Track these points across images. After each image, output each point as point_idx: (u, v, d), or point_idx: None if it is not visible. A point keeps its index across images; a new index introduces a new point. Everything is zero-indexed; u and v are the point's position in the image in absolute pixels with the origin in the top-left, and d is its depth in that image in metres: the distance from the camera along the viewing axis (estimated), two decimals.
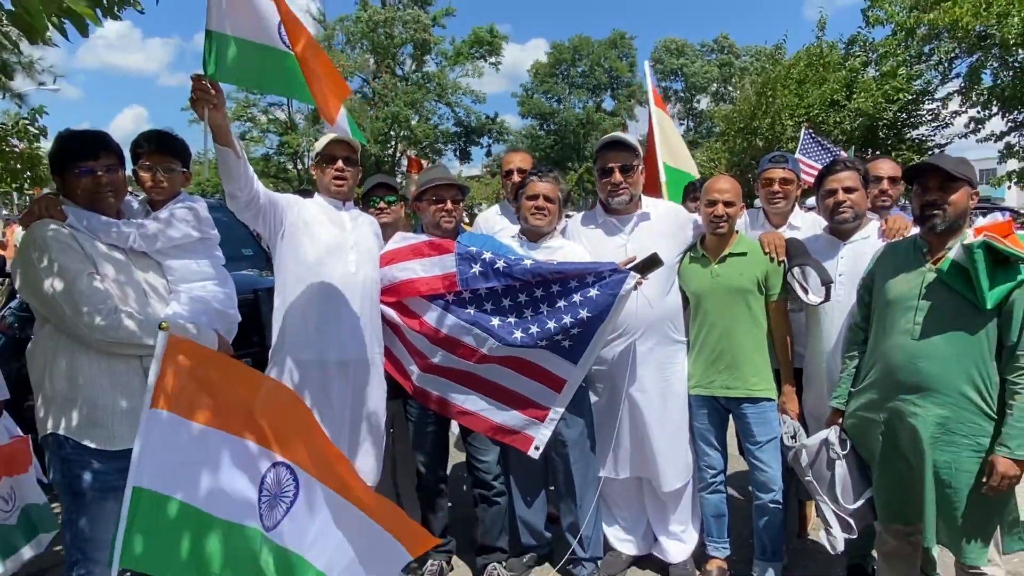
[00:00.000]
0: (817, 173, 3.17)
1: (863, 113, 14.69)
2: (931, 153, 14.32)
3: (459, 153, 38.77)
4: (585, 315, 2.81)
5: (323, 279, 2.87)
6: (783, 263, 3.04)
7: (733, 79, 41.42)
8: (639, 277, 2.81)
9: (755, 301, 3.08)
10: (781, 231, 3.31)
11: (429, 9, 34.94)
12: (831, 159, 4.70)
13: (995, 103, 13.04)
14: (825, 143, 7.92)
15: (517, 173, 3.67)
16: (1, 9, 2.37)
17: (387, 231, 3.26)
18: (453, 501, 3.67)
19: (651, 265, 2.79)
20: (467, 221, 4.70)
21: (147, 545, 1.73)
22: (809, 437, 2.86)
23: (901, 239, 2.79)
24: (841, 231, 3.04)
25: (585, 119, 42.49)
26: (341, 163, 2.99)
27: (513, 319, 2.92)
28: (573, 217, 3.53)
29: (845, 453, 2.69)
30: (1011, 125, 13.30)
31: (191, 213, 2.53)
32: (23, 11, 1.87)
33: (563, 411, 2.98)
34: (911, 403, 2.42)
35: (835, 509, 2.71)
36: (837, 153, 7.25)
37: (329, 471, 2.08)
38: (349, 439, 2.89)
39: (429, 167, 4.74)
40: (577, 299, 2.83)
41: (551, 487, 3.51)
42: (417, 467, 3.39)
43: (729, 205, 3.03)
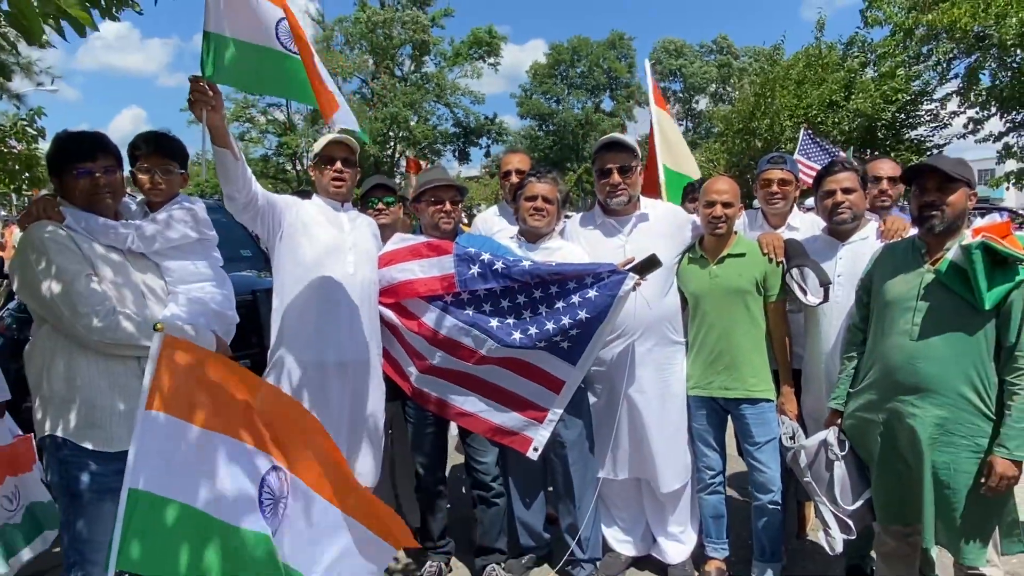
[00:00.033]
0: (816, 174, 3.17)
1: (862, 114, 14.71)
2: (929, 154, 14.36)
3: (458, 154, 38.78)
4: (584, 316, 2.80)
5: (322, 280, 2.86)
6: (782, 264, 3.04)
7: (732, 80, 41.53)
8: (638, 278, 2.80)
9: (754, 302, 3.08)
10: (780, 232, 3.31)
11: (428, 10, 34.94)
12: (830, 160, 4.69)
13: (993, 104, 13.06)
14: (824, 144, 7.92)
15: (515, 174, 3.66)
16: None
17: (386, 232, 3.25)
18: (452, 502, 3.66)
19: (650, 266, 2.79)
20: (466, 222, 4.69)
21: (144, 547, 1.71)
22: (808, 438, 2.86)
23: (899, 240, 2.79)
24: (839, 232, 3.04)
25: (584, 120, 42.50)
26: (340, 164, 2.99)
27: (512, 320, 2.92)
28: (572, 218, 3.53)
29: (844, 454, 2.69)
30: (1009, 126, 13.32)
31: (189, 214, 2.53)
32: (19, 14, 1.87)
33: (562, 412, 2.97)
34: (910, 404, 2.42)
35: (834, 510, 2.71)
36: (836, 154, 7.26)
37: (320, 475, 2.07)
38: (348, 440, 2.89)
39: (428, 168, 4.74)
40: (576, 300, 2.83)
41: (550, 488, 3.50)
42: (416, 468, 3.38)
43: (727, 206, 3.03)
